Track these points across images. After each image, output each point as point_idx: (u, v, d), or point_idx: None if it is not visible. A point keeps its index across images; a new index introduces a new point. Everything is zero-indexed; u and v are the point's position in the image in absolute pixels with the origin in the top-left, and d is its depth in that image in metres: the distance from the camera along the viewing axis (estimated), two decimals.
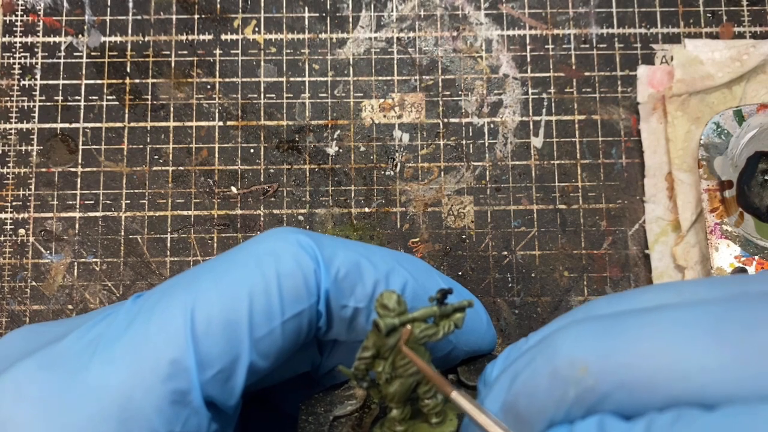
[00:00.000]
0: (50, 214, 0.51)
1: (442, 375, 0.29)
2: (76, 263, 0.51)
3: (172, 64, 0.53)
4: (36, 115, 0.52)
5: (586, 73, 0.53)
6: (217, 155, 0.52)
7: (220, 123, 0.52)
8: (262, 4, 0.54)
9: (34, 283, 0.50)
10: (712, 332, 0.19)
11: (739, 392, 0.18)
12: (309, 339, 0.29)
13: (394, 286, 0.29)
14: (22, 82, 0.53)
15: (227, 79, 0.53)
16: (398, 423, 0.27)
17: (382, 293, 0.26)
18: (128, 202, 0.51)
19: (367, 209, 0.51)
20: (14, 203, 0.51)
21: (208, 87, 0.53)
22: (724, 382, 0.18)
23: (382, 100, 0.52)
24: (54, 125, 0.52)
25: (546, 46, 0.53)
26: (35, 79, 0.53)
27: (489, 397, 0.24)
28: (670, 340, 0.19)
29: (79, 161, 0.52)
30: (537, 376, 0.22)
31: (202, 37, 0.53)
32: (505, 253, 0.51)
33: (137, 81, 0.53)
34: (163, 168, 0.52)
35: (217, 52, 0.53)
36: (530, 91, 0.53)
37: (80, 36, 0.53)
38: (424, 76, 0.53)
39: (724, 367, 0.18)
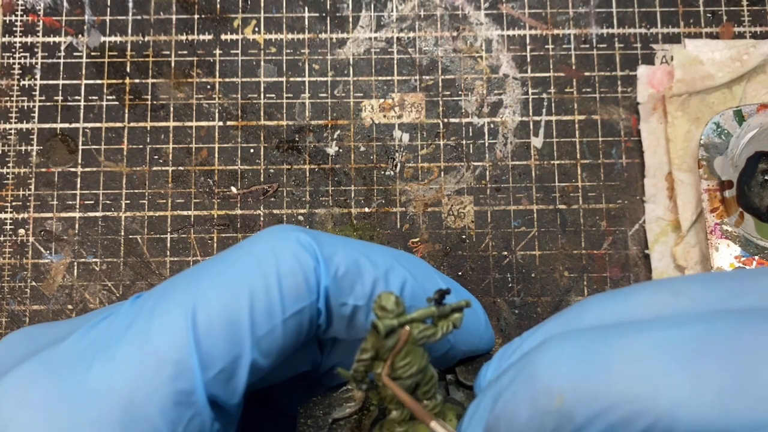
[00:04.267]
0: (50, 214, 0.51)
1: (440, 375, 0.29)
2: (76, 263, 0.51)
3: (172, 64, 0.53)
4: (36, 115, 0.52)
5: (586, 73, 0.53)
6: (217, 155, 0.52)
7: (220, 123, 0.52)
8: (262, 4, 0.54)
9: (34, 283, 0.50)
10: (690, 361, 0.19)
11: (712, 426, 0.18)
12: (309, 337, 0.29)
13: (393, 285, 0.29)
14: (22, 82, 0.53)
15: (227, 79, 0.53)
16: (398, 424, 0.27)
17: (380, 294, 0.26)
18: (128, 202, 0.51)
19: (367, 209, 0.51)
20: (14, 203, 0.51)
21: (208, 87, 0.53)
22: (697, 416, 0.18)
23: (382, 100, 0.52)
24: (54, 125, 0.52)
25: (546, 46, 0.53)
26: (35, 79, 0.53)
27: (475, 418, 0.24)
28: (646, 368, 0.19)
29: (79, 161, 0.52)
30: (516, 401, 0.22)
31: (202, 37, 0.53)
32: (505, 253, 0.51)
33: (137, 81, 0.53)
34: (163, 168, 0.52)
35: (217, 52, 0.53)
36: (530, 91, 0.53)
37: (80, 36, 0.53)
38: (424, 76, 0.53)
39: (698, 401, 0.19)
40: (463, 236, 0.51)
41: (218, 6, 0.54)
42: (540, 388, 0.21)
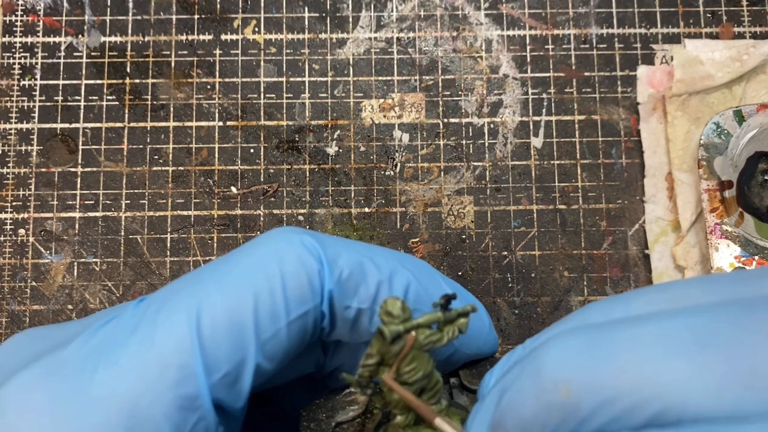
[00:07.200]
0: (50, 214, 0.51)
1: (444, 378, 0.29)
2: (76, 263, 0.51)
3: (172, 64, 0.53)
4: (36, 115, 0.52)
5: (586, 73, 0.53)
6: (217, 155, 0.52)
7: (220, 123, 0.52)
8: (262, 4, 0.54)
9: (34, 283, 0.50)
10: (694, 348, 0.19)
11: (716, 413, 0.18)
12: (313, 340, 0.29)
13: (397, 288, 0.29)
14: (22, 82, 0.52)
15: (227, 79, 0.53)
16: (402, 429, 0.27)
17: (386, 300, 0.26)
18: (128, 202, 0.51)
19: (367, 209, 0.51)
20: (14, 203, 0.51)
21: (208, 87, 0.53)
22: (704, 403, 0.18)
23: (382, 100, 0.52)
24: (54, 125, 0.52)
25: (546, 46, 0.53)
26: (35, 79, 0.52)
27: (479, 414, 0.24)
28: (650, 357, 0.19)
29: (79, 161, 0.52)
30: (522, 395, 0.22)
31: (202, 37, 0.53)
32: (505, 253, 0.51)
33: (137, 81, 0.53)
34: (163, 168, 0.52)
35: (217, 52, 0.53)
36: (530, 91, 0.53)
37: (80, 36, 0.53)
38: (424, 76, 0.53)
39: (705, 388, 0.19)
40: (463, 236, 0.51)
41: (218, 6, 0.54)
42: (546, 382, 0.21)
